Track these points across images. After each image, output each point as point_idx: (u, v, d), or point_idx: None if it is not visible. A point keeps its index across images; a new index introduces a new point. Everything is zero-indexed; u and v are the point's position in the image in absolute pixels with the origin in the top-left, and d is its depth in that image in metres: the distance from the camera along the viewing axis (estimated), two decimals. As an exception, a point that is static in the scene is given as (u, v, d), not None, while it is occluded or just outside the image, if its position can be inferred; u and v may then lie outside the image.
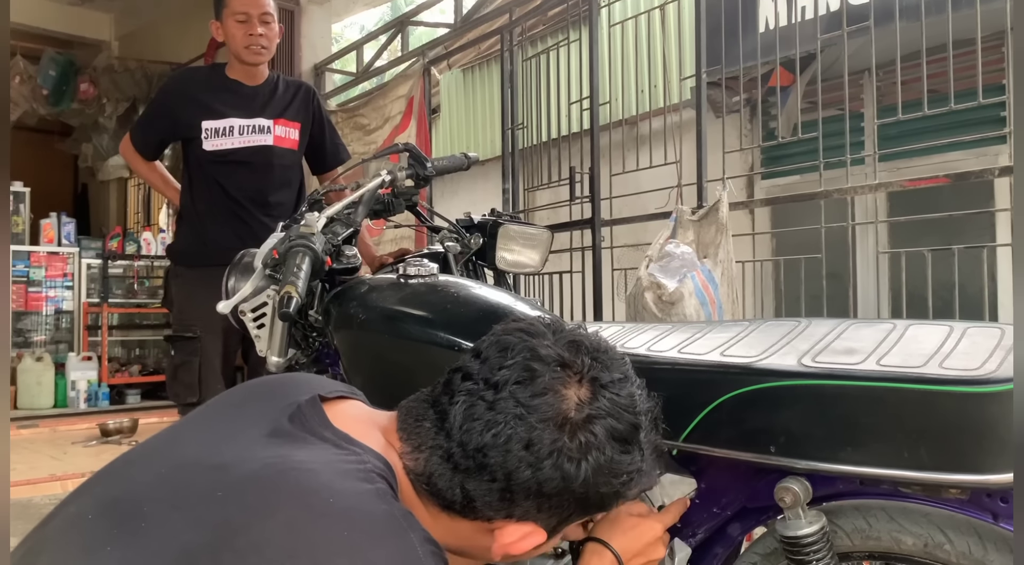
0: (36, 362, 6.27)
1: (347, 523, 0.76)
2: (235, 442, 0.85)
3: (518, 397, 0.87)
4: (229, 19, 2.82)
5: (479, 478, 0.87)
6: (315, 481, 0.79)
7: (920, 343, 1.04)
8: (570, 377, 0.89)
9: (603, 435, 0.89)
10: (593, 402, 0.89)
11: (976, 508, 0.99)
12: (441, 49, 5.27)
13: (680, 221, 3.10)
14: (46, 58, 7.57)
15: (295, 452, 0.83)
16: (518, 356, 0.90)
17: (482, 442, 0.86)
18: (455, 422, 0.88)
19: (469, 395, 0.89)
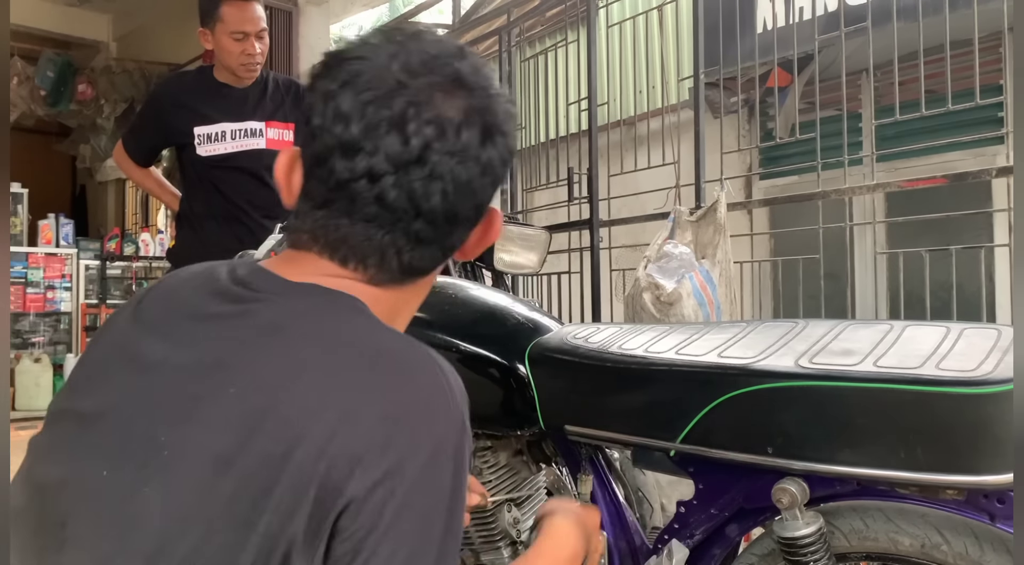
0: (34, 363, 6.26)
1: (372, 364, 0.75)
2: (201, 330, 0.79)
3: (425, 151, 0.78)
4: (223, 34, 2.75)
5: (451, 220, 0.83)
6: (318, 335, 0.76)
7: (917, 344, 1.04)
8: (439, 93, 0.80)
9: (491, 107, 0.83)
10: (473, 98, 0.81)
11: (973, 509, 0.99)
12: (439, 50, 5.27)
13: (678, 222, 3.10)
14: (44, 59, 7.56)
15: (273, 311, 0.79)
16: (381, 113, 0.78)
17: (436, 198, 0.80)
18: (395, 204, 0.79)
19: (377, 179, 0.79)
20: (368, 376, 0.74)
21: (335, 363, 0.75)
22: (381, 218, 0.80)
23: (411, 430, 0.72)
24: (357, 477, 0.69)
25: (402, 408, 0.73)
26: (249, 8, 2.76)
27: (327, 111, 0.79)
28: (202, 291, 0.83)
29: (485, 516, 1.53)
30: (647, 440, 1.20)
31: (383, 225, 0.80)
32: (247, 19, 2.75)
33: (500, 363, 1.38)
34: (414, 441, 0.72)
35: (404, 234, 0.81)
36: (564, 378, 1.31)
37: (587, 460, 1.38)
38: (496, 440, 1.52)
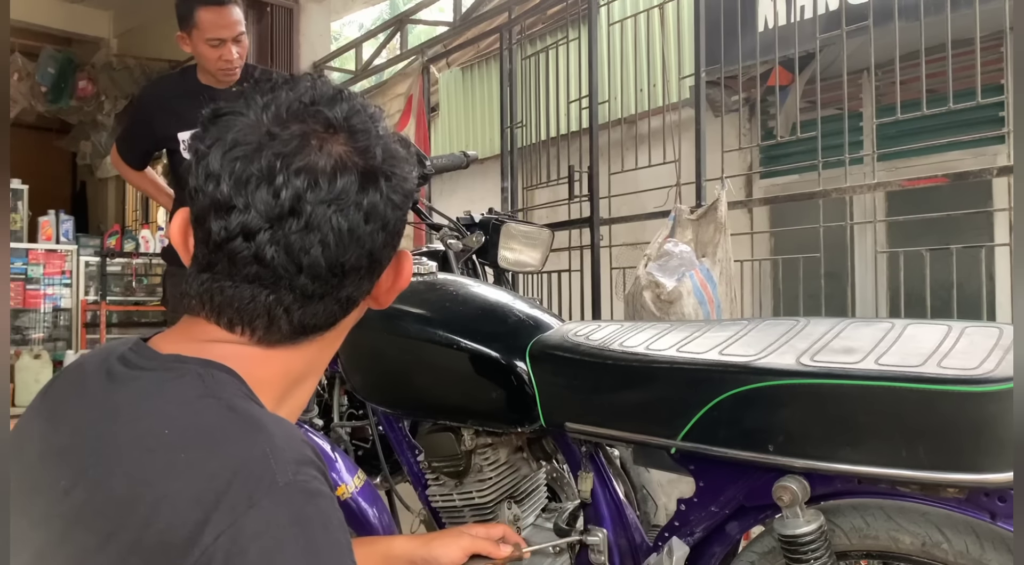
0: (34, 360, 6.26)
1: (185, 445, 0.71)
2: (69, 414, 0.80)
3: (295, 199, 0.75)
4: (200, 41, 2.72)
5: (337, 276, 0.80)
6: (147, 416, 0.74)
7: (918, 342, 1.04)
8: (311, 143, 0.77)
9: (379, 151, 0.80)
10: (350, 142, 0.79)
11: (974, 507, 0.99)
12: (440, 47, 5.27)
13: (679, 220, 3.10)
14: (44, 55, 7.55)
15: (123, 392, 0.77)
16: (249, 168, 0.76)
17: (310, 251, 0.77)
18: (274, 262, 0.77)
19: (252, 237, 0.76)
20: (179, 459, 0.70)
21: (150, 449, 0.72)
22: (263, 277, 0.77)
23: (228, 510, 0.67)
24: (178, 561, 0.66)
25: (215, 488, 0.68)
26: (225, 13, 2.71)
27: (199, 171, 0.77)
28: (89, 368, 0.83)
29: (485, 513, 1.53)
30: (648, 438, 1.20)
31: (266, 285, 0.78)
32: (223, 25, 2.70)
33: (501, 360, 1.38)
34: (233, 522, 0.66)
35: (289, 292, 0.78)
36: (565, 375, 1.31)
37: (587, 458, 1.38)
38: (497, 437, 1.52)
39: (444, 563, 1.15)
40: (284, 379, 0.84)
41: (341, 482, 1.56)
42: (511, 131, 4.32)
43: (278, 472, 0.70)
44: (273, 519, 0.68)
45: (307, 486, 0.71)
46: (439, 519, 1.62)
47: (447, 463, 1.54)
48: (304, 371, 0.86)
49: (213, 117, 0.80)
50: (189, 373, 0.77)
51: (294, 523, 0.68)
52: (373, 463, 1.80)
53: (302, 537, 0.68)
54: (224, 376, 0.78)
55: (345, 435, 1.86)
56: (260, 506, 0.67)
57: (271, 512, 0.68)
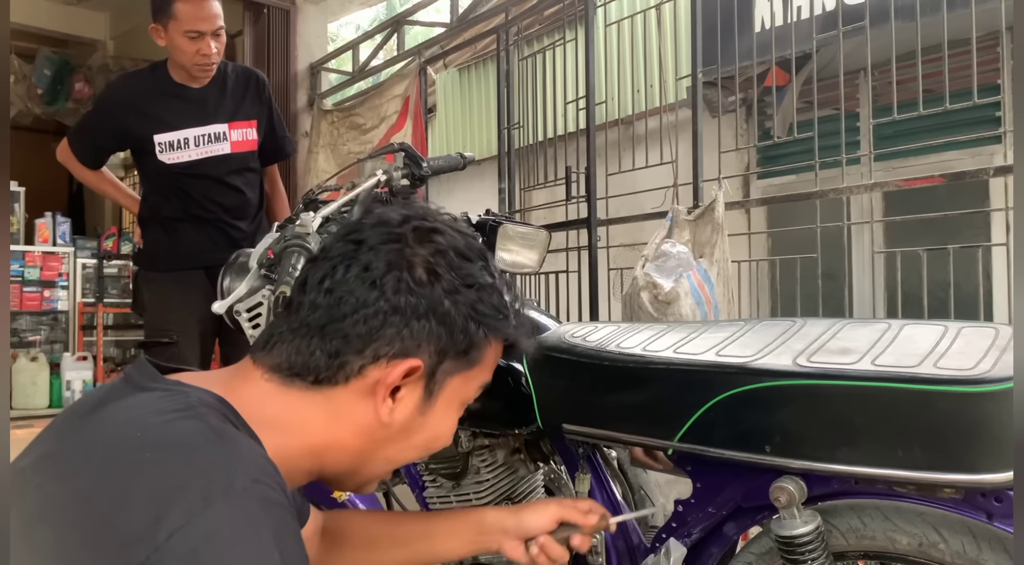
0: (31, 362, 6.25)
1: (150, 447, 0.74)
2: (67, 427, 0.83)
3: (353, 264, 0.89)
4: (176, 33, 2.59)
5: (335, 324, 0.88)
6: (125, 423, 0.77)
7: (915, 343, 1.04)
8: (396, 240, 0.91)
9: (439, 245, 0.91)
10: (426, 239, 0.91)
11: (971, 507, 0.99)
12: (437, 48, 5.26)
13: (676, 221, 3.10)
14: (41, 57, 7.54)
15: (111, 408, 0.81)
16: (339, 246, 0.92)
17: (328, 289, 0.88)
18: (305, 305, 0.90)
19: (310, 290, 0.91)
20: (144, 458, 0.73)
21: (117, 449, 0.75)
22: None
23: (184, 509, 0.69)
24: (130, 559, 0.67)
25: (173, 487, 0.70)
26: (205, 5, 2.59)
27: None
28: (102, 389, 0.87)
29: (483, 515, 1.53)
30: (645, 439, 1.20)
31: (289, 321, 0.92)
32: (202, 17, 2.58)
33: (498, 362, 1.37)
34: (187, 521, 0.68)
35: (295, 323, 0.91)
36: (562, 377, 1.31)
37: (585, 459, 1.38)
38: (494, 439, 1.52)
39: (535, 528, 1.17)
40: (281, 427, 0.87)
41: (338, 484, 1.55)
42: (508, 132, 4.31)
43: (236, 478, 0.72)
44: (226, 521, 0.69)
45: (264, 494, 0.73)
46: (436, 521, 1.61)
47: (444, 465, 1.54)
48: (299, 436, 0.89)
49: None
50: (179, 394, 0.81)
51: (248, 526, 0.70)
52: (370, 465, 1.79)
53: (254, 541, 0.70)
54: (213, 401, 0.81)
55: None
56: (215, 507, 0.69)
57: (226, 514, 0.69)
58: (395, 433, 0.93)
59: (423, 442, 0.97)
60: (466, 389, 0.97)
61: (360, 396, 0.89)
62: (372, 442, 0.93)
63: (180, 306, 2.72)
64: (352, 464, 0.95)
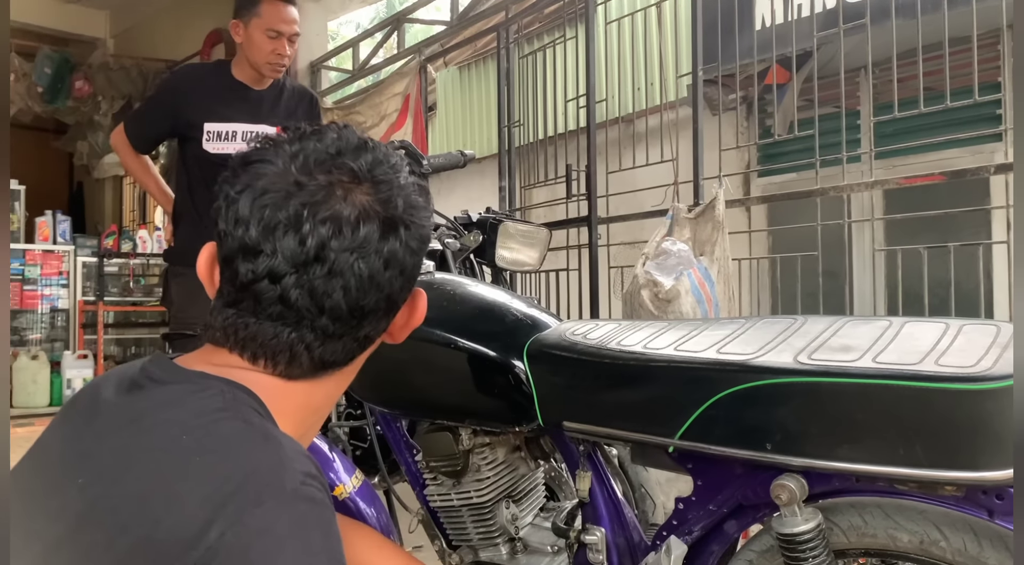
0: (32, 360, 6.25)
1: (200, 450, 0.74)
2: (91, 420, 0.83)
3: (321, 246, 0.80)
4: (257, 30, 2.74)
5: (356, 315, 0.84)
6: (168, 424, 0.77)
7: (916, 340, 1.04)
8: (336, 193, 0.82)
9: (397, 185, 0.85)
10: (373, 192, 0.83)
11: (972, 505, 0.99)
12: (437, 47, 5.26)
13: (676, 219, 3.10)
14: (41, 56, 7.54)
15: (146, 401, 0.81)
16: (277, 215, 0.80)
17: (332, 295, 0.82)
18: (298, 303, 0.81)
19: (278, 279, 0.81)
20: (193, 461, 0.73)
21: (166, 451, 0.75)
22: (286, 317, 0.82)
23: (236, 509, 0.69)
24: (182, 560, 0.68)
25: (225, 490, 0.71)
26: (288, 10, 2.76)
27: (229, 215, 0.82)
28: (113, 381, 0.86)
29: (483, 513, 1.53)
30: (645, 436, 1.20)
31: (288, 323, 0.83)
32: (285, 19, 2.75)
33: (498, 359, 1.37)
34: (239, 519, 0.69)
35: (311, 331, 0.83)
36: (562, 374, 1.30)
37: (585, 457, 1.38)
38: (494, 437, 1.52)
39: None
40: (303, 410, 0.88)
41: (339, 482, 1.56)
42: (508, 130, 4.32)
43: (287, 479, 0.73)
44: (277, 520, 0.70)
45: (312, 495, 0.74)
46: (437, 519, 1.62)
47: (445, 463, 1.54)
48: (322, 403, 0.92)
49: (243, 163, 0.84)
50: (211, 388, 0.81)
51: (297, 526, 0.71)
52: (371, 463, 1.79)
53: (303, 540, 0.71)
54: (244, 396, 0.82)
55: (343, 435, 1.85)
56: (266, 506, 0.70)
57: (276, 513, 0.71)
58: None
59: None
60: None
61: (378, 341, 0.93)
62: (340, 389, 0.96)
63: (207, 301, 2.75)
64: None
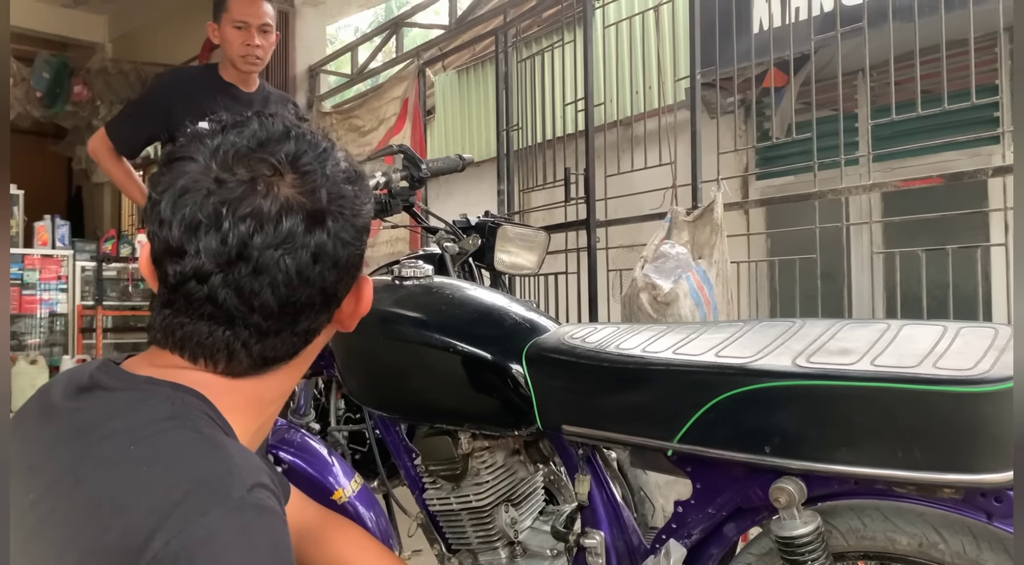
0: (30, 365, 6.24)
1: (146, 460, 0.73)
2: (40, 430, 0.82)
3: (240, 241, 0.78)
4: (227, 25, 2.81)
5: (292, 310, 0.83)
6: (117, 434, 0.76)
7: (914, 343, 1.04)
8: (258, 188, 0.80)
9: (329, 185, 0.83)
10: (297, 184, 0.81)
11: (970, 508, 0.99)
12: (436, 50, 5.27)
13: (675, 222, 3.10)
14: (40, 60, 7.54)
15: (95, 411, 0.80)
16: (198, 215, 0.78)
17: (250, 288, 0.80)
18: (227, 303, 0.80)
19: (204, 279, 0.80)
20: (141, 471, 0.72)
21: (114, 462, 0.74)
22: (217, 316, 0.81)
23: (181, 519, 0.69)
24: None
25: (171, 499, 0.70)
26: (256, 2, 2.82)
27: (153, 216, 0.80)
28: (61, 388, 0.86)
29: (483, 517, 1.53)
30: (644, 440, 1.20)
31: (221, 322, 0.81)
32: (251, 11, 2.80)
33: (497, 363, 1.37)
34: (184, 529, 0.68)
35: (245, 328, 0.82)
36: (561, 378, 1.30)
37: (584, 460, 1.38)
38: (493, 440, 1.52)
39: None
40: (255, 404, 0.87)
41: (338, 486, 1.56)
42: (507, 134, 4.32)
43: (233, 488, 0.72)
44: (222, 528, 0.69)
45: (260, 503, 0.73)
46: (436, 523, 1.62)
47: (444, 466, 1.54)
48: (275, 396, 0.90)
49: (167, 161, 0.82)
50: (159, 395, 0.80)
51: (242, 534, 0.70)
52: (370, 467, 1.80)
53: (249, 548, 0.70)
54: (193, 400, 0.81)
55: (342, 439, 1.86)
56: (211, 515, 0.69)
57: (221, 522, 0.70)
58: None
59: None
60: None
61: (327, 332, 0.91)
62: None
63: None
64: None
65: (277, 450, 1.59)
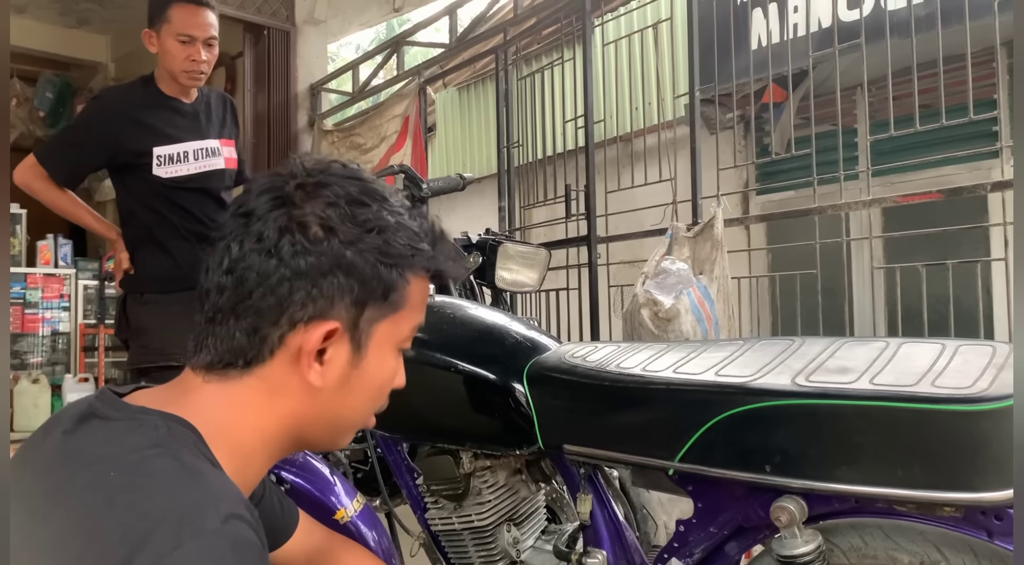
0: (33, 384, 6.24)
1: (124, 487, 0.74)
2: (38, 456, 0.83)
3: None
4: (169, 36, 2.59)
5: (244, 302, 0.86)
6: (100, 460, 0.77)
7: (913, 361, 1.04)
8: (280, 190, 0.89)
9: (328, 198, 0.88)
10: (313, 194, 0.88)
11: (971, 526, 0.99)
12: (436, 68, 5.30)
13: (676, 238, 3.11)
14: (43, 80, 7.58)
15: (85, 439, 0.81)
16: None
17: (227, 269, 0.87)
18: (212, 291, 0.88)
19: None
20: (118, 498, 0.73)
21: (93, 489, 0.74)
22: (203, 302, 0.91)
23: (154, 550, 0.68)
24: None
25: (144, 528, 0.70)
26: (200, 13, 2.61)
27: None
28: (65, 418, 0.86)
29: (485, 536, 1.53)
30: (645, 459, 1.20)
31: (201, 310, 0.91)
32: (196, 23, 2.60)
33: (498, 382, 1.38)
34: (157, 561, 0.68)
35: (209, 312, 0.89)
36: (562, 397, 1.31)
37: (586, 479, 1.38)
38: (495, 460, 1.52)
39: None
40: (234, 430, 0.87)
41: (340, 505, 1.55)
42: (508, 151, 4.34)
43: (208, 519, 0.72)
44: (196, 560, 0.69)
45: (235, 534, 0.73)
46: (439, 542, 1.62)
47: (446, 486, 1.54)
48: (250, 432, 0.89)
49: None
50: (148, 423, 0.81)
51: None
52: (372, 486, 1.79)
53: None
54: (180, 428, 0.82)
55: (344, 458, 1.85)
56: (185, 548, 0.69)
57: (194, 556, 0.69)
58: (336, 391, 0.91)
59: (370, 391, 0.96)
60: (398, 332, 0.95)
61: (289, 365, 0.88)
62: (318, 405, 0.92)
63: (186, 328, 2.70)
64: (312, 430, 0.94)
65: (279, 470, 1.59)
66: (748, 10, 3.68)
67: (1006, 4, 2.59)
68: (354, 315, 0.89)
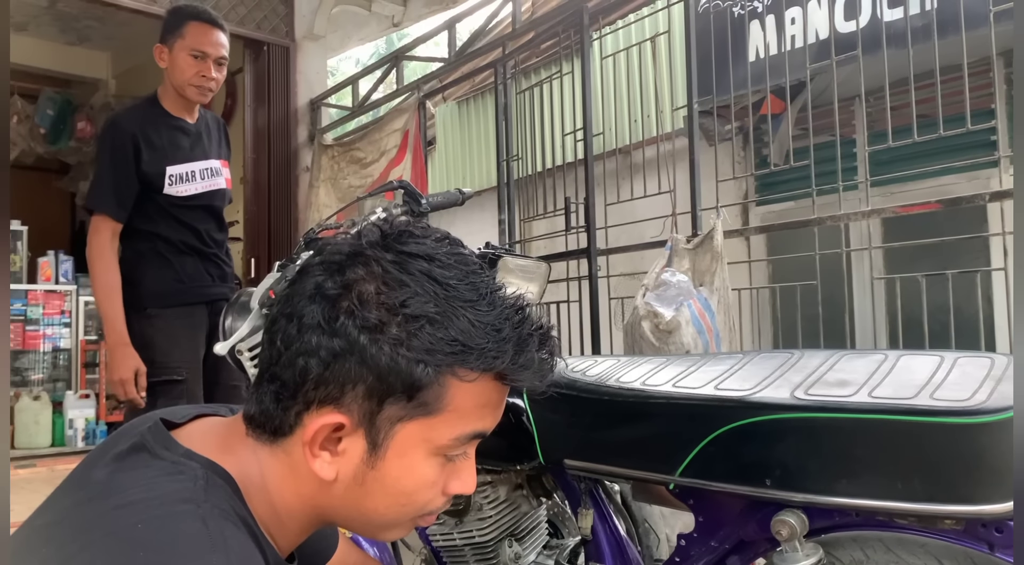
0: (34, 401, 6.24)
1: (145, 544, 0.71)
2: (81, 488, 0.81)
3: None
4: (181, 51, 2.67)
5: (272, 367, 0.83)
6: (131, 506, 0.75)
7: (911, 374, 1.04)
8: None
9: (373, 270, 0.80)
10: (360, 264, 0.82)
11: (972, 538, 0.99)
12: (436, 82, 5.32)
13: (675, 249, 3.11)
14: (44, 97, 7.62)
15: (127, 476, 0.79)
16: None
17: (270, 326, 0.85)
18: (265, 348, 0.87)
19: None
20: (137, 557, 0.70)
21: (118, 538, 0.72)
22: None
23: None
24: None
25: None
26: (214, 32, 2.71)
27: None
28: (116, 443, 0.85)
29: (486, 552, 1.53)
30: (646, 474, 1.20)
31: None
32: (210, 41, 2.69)
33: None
34: None
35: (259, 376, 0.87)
36: (562, 412, 1.31)
37: (587, 494, 1.38)
38: (496, 475, 1.52)
39: None
40: (266, 487, 0.85)
41: (341, 522, 1.55)
42: (507, 164, 4.35)
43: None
44: None
45: None
46: (440, 558, 1.61)
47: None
48: (287, 490, 0.85)
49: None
50: (189, 472, 0.79)
51: None
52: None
53: None
54: (220, 482, 0.80)
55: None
56: None
57: None
58: (352, 488, 0.83)
59: (394, 497, 0.84)
60: (434, 437, 0.82)
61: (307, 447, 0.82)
62: (336, 498, 0.85)
63: (189, 342, 2.72)
64: (340, 520, 0.89)
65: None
66: (746, 22, 3.70)
67: (1002, 15, 2.60)
68: (369, 409, 0.80)
